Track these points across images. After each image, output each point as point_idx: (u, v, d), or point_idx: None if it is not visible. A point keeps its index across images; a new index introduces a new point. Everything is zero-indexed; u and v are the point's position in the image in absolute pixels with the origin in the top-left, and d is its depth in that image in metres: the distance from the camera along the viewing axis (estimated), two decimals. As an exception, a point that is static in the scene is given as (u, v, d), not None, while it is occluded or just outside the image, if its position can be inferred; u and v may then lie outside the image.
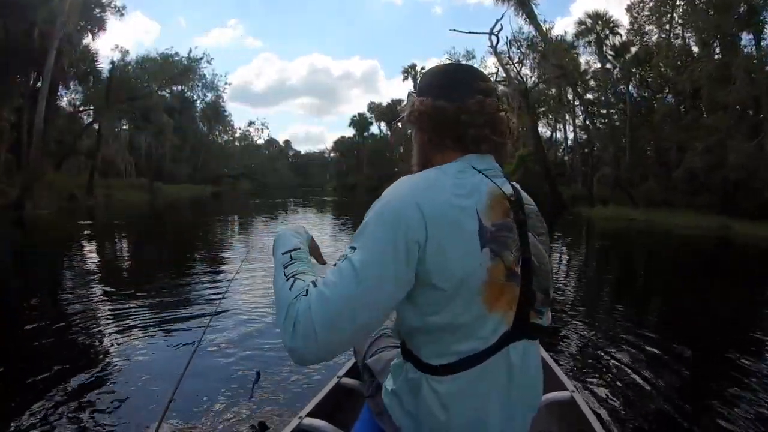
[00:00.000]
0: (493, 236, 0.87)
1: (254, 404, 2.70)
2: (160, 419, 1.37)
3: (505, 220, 0.90)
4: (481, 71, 1.05)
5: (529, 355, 0.93)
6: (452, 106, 0.96)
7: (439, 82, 1.02)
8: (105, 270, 7.01)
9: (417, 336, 0.91)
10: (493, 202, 0.90)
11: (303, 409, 1.51)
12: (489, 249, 0.86)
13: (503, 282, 0.88)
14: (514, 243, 0.90)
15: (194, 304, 4.92)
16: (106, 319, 4.30)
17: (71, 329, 3.99)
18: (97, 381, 2.95)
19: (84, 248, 9.55)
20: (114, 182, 26.65)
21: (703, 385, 3.29)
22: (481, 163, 0.96)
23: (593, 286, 7.16)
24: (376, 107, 61.25)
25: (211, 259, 8.21)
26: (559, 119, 34.91)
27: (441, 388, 0.88)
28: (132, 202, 24.11)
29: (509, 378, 0.90)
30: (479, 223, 0.86)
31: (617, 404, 2.86)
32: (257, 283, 5.70)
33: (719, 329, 4.75)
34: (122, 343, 3.66)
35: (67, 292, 5.40)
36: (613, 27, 26.63)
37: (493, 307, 0.87)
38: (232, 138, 65.38)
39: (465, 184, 0.89)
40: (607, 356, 3.66)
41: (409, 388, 0.93)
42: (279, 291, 0.86)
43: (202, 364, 3.09)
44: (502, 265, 0.87)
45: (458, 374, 0.87)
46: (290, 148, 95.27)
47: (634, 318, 4.95)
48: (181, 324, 4.15)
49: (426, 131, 1.01)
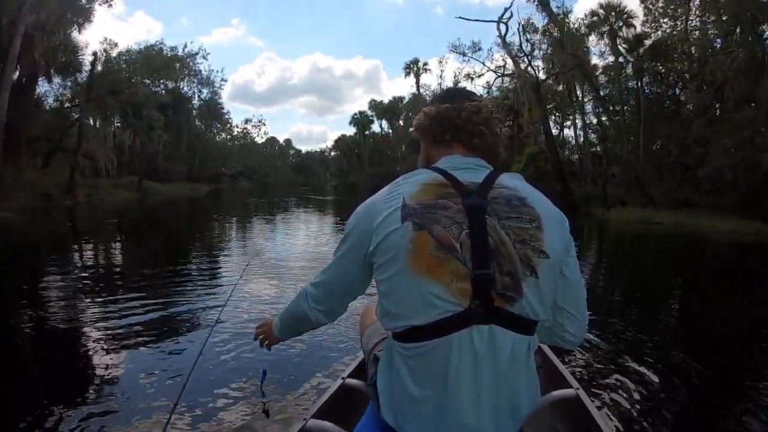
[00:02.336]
0: (415, 211, 0.96)
1: (260, 406, 2.71)
2: (167, 422, 1.39)
3: (437, 201, 0.97)
4: (475, 93, 1.22)
5: (499, 344, 0.93)
6: (453, 106, 1.11)
7: (441, 95, 1.20)
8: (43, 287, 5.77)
9: (384, 309, 1.02)
10: (423, 187, 1.00)
11: (308, 410, 1.54)
12: (411, 222, 0.95)
13: (434, 253, 0.93)
14: (449, 220, 0.95)
15: (193, 312, 4.66)
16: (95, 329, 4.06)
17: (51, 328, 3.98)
18: (101, 387, 2.91)
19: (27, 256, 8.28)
20: (99, 181, 25.24)
21: (712, 388, 3.22)
22: (445, 162, 1.08)
23: (615, 289, 6.98)
24: (377, 105, 59.69)
25: (203, 267, 7.57)
26: (567, 117, 33.42)
27: (404, 353, 0.98)
28: (116, 202, 22.79)
29: (475, 363, 0.92)
30: (402, 203, 0.98)
31: (623, 403, 2.83)
32: (260, 288, 5.57)
33: (736, 336, 4.55)
34: (120, 350, 3.54)
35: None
36: (627, 18, 25.16)
37: (428, 277, 0.92)
38: (230, 136, 64.11)
39: (401, 183, 1.04)
40: (614, 355, 3.66)
41: (387, 358, 1.05)
42: (290, 312, 1.26)
43: (207, 367, 3.10)
44: (428, 237, 0.94)
45: (417, 344, 0.95)
46: (291, 147, 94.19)
47: (651, 323, 4.83)
48: (183, 328, 4.14)
49: (430, 131, 1.14)
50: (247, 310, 4.55)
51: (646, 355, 3.67)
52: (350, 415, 1.54)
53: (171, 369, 3.16)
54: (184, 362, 3.22)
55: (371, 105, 60.29)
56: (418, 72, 50.42)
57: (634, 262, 9.96)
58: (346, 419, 1.50)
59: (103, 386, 2.92)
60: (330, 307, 1.17)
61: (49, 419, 2.46)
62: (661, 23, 24.44)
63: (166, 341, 3.74)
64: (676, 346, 4.02)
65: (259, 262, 7.19)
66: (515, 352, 0.95)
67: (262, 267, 6.90)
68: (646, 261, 10.08)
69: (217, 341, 3.59)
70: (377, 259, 0.99)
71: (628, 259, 10.31)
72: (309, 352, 3.50)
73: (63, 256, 8.32)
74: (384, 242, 0.97)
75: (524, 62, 25.82)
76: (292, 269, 6.94)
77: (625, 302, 6.06)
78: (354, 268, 1.06)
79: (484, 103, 1.11)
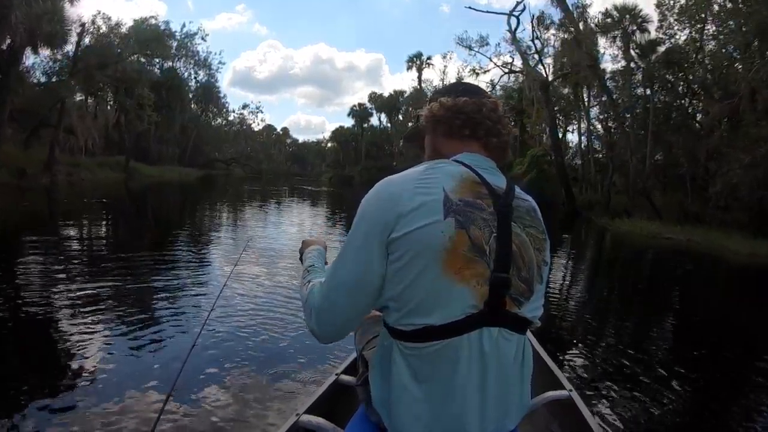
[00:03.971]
0: (458, 208, 0.92)
1: (253, 400, 2.69)
2: (159, 413, 1.37)
3: (475, 200, 0.94)
4: (485, 90, 1.17)
5: (505, 347, 0.94)
6: (472, 100, 1.06)
7: (456, 87, 1.13)
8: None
9: (388, 304, 0.95)
10: (462, 183, 0.95)
11: (301, 406, 1.52)
12: (454, 219, 0.90)
13: (467, 254, 0.90)
14: (483, 222, 0.93)
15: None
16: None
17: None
18: (93, 377, 2.84)
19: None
20: (83, 160, 24.05)
21: (703, 390, 3.34)
22: (469, 158, 1.02)
23: (624, 301, 7.00)
24: (377, 98, 58.49)
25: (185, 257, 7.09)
26: (571, 121, 32.56)
27: (409, 353, 0.92)
28: (98, 182, 21.72)
29: (483, 366, 0.91)
30: (444, 196, 0.92)
31: (615, 404, 2.91)
32: (251, 284, 5.40)
33: (734, 345, 4.67)
34: (111, 340, 3.46)
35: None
36: (641, 23, 24.28)
37: (455, 278, 0.89)
38: (226, 121, 62.77)
39: (436, 170, 0.96)
40: (607, 358, 3.78)
41: (383, 355, 0.99)
42: (301, 295, 1.08)
43: (200, 359, 3.07)
44: (466, 237, 0.90)
45: (425, 343, 0.90)
46: (288, 136, 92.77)
47: (657, 335, 4.96)
48: (176, 320, 4.04)
49: (446, 123, 1.07)
50: (240, 304, 4.56)
51: (640, 361, 3.79)
52: (343, 412, 1.52)
53: (163, 361, 3.13)
54: (177, 354, 3.20)
55: (371, 98, 59.17)
56: (421, 66, 49.46)
57: (649, 277, 9.33)
58: (339, 415, 1.48)
59: (96, 376, 2.86)
60: (338, 323, 1.00)
61: (38, 410, 2.43)
62: (675, 30, 23.66)
63: (158, 333, 3.68)
64: (674, 357, 4.11)
65: (252, 252, 7.14)
66: (518, 354, 0.97)
67: (255, 257, 6.83)
68: (659, 276, 9.41)
69: (209, 334, 3.58)
70: (398, 250, 0.90)
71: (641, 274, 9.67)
72: (303, 348, 3.49)
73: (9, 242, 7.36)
74: (415, 233, 0.89)
75: (534, 59, 24.84)
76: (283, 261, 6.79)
77: (632, 314, 6.04)
78: (377, 262, 0.93)
79: (499, 102, 1.10)
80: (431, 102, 1.10)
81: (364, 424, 1.17)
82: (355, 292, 0.94)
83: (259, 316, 4.19)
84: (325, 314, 0.97)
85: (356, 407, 1.29)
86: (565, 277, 8.40)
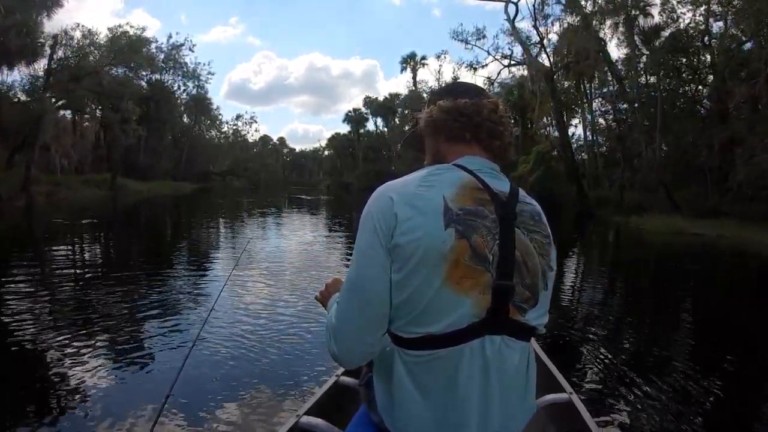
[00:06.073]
0: (458, 218, 0.90)
1: (253, 402, 2.70)
2: (157, 416, 1.38)
3: (477, 208, 0.93)
4: (484, 89, 1.14)
5: (508, 354, 0.93)
6: (472, 102, 1.03)
7: (455, 88, 1.10)
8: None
9: (392, 311, 0.94)
10: (463, 190, 0.93)
11: (301, 407, 1.51)
12: (454, 229, 0.89)
13: (468, 263, 0.89)
14: (486, 229, 0.92)
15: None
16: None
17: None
18: (90, 384, 2.87)
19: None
20: (65, 178, 22.87)
21: (704, 393, 3.19)
22: (470, 162, 1.00)
23: (634, 301, 6.84)
24: (372, 102, 57.40)
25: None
26: (574, 114, 31.34)
27: (409, 360, 0.92)
28: (81, 202, 20.44)
29: (485, 374, 0.90)
30: (444, 206, 0.90)
31: (615, 407, 2.87)
32: (247, 296, 5.20)
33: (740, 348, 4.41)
34: (111, 347, 3.53)
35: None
36: (644, 7, 23.16)
37: (457, 288, 0.88)
38: (219, 133, 61.72)
39: (436, 177, 0.94)
40: (607, 361, 3.70)
41: (385, 360, 0.98)
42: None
43: (199, 362, 3.10)
44: (467, 246, 0.89)
45: (426, 351, 0.90)
46: (284, 146, 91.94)
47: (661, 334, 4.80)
48: (176, 324, 4.08)
49: (446, 127, 1.04)
50: (238, 309, 4.58)
51: (647, 366, 3.65)
52: (343, 413, 1.49)
53: (162, 364, 3.17)
54: (175, 358, 3.20)
55: (366, 102, 58.06)
56: (416, 67, 48.38)
57: (682, 277, 8.14)
58: (339, 417, 1.46)
59: (95, 383, 2.86)
60: (355, 343, 0.97)
61: (36, 417, 2.45)
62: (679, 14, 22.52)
63: (157, 336, 3.71)
64: (689, 362, 3.89)
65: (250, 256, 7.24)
66: (522, 361, 0.96)
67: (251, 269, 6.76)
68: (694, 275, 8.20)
69: (208, 337, 3.60)
70: (400, 258, 0.90)
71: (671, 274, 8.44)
72: (303, 349, 3.49)
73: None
74: (415, 243, 0.88)
75: (536, 48, 23.58)
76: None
77: (658, 319, 5.66)
78: (383, 267, 0.91)
79: (499, 102, 1.07)
80: (430, 105, 1.08)
81: (365, 425, 1.14)
82: (365, 295, 0.92)
83: (260, 317, 4.28)
84: (340, 327, 0.95)
85: (356, 409, 1.26)
86: (580, 280, 7.91)
